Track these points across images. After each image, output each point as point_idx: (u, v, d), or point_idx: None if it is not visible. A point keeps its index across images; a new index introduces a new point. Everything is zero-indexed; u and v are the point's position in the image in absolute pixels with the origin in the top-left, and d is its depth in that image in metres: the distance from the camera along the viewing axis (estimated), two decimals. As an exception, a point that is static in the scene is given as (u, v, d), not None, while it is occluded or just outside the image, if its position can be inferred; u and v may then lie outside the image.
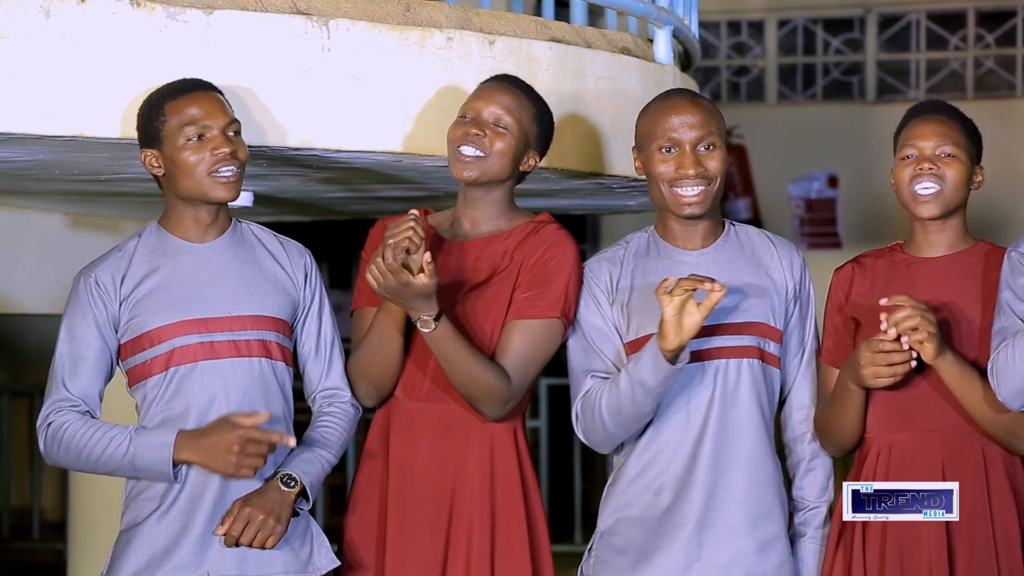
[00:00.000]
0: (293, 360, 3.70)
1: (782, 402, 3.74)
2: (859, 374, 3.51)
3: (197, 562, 3.54)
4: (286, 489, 3.54)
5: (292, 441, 3.51)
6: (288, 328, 3.66)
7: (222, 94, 3.63)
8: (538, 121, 3.79)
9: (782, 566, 3.64)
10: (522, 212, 3.81)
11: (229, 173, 3.56)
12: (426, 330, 3.56)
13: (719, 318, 3.61)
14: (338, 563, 3.69)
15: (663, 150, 3.62)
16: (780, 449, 3.73)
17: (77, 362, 3.58)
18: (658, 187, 3.65)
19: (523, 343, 3.65)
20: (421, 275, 3.48)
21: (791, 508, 3.72)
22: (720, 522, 3.60)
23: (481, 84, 3.83)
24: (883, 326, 3.46)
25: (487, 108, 3.73)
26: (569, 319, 3.69)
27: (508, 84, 3.81)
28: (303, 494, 3.57)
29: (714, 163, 3.62)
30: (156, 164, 3.59)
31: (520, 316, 3.66)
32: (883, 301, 3.47)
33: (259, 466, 3.49)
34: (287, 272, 3.68)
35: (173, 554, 3.53)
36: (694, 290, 3.43)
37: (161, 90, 3.61)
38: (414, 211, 3.54)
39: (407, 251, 3.49)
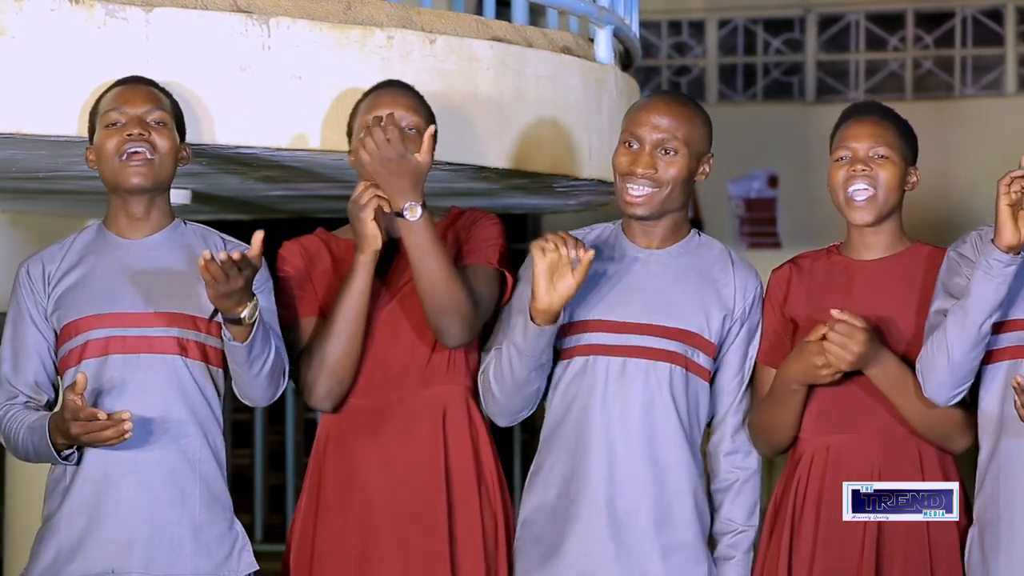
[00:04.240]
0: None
1: (711, 421, 3.72)
2: (803, 370, 3.52)
3: (104, 559, 3.52)
4: (249, 304, 3.44)
5: (126, 414, 3.35)
6: (218, 329, 3.60)
7: (160, 88, 3.63)
8: (430, 111, 3.78)
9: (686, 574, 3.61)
10: (436, 207, 3.84)
11: (137, 155, 3.52)
12: (413, 217, 3.56)
13: (650, 318, 3.62)
14: (256, 568, 3.64)
15: (627, 144, 3.62)
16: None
17: (18, 354, 3.58)
18: (616, 178, 3.65)
19: (473, 280, 3.66)
20: (418, 154, 3.55)
21: (718, 530, 3.69)
22: (627, 520, 3.59)
23: (375, 94, 3.76)
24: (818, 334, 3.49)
25: (387, 112, 3.68)
26: (506, 273, 3.71)
27: (397, 85, 3.79)
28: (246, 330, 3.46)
29: (671, 170, 3.59)
30: (91, 158, 3.61)
31: (466, 262, 3.69)
32: (835, 313, 3.46)
33: (124, 434, 3.34)
34: None
35: (79, 550, 3.52)
36: (568, 252, 3.43)
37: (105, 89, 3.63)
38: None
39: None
